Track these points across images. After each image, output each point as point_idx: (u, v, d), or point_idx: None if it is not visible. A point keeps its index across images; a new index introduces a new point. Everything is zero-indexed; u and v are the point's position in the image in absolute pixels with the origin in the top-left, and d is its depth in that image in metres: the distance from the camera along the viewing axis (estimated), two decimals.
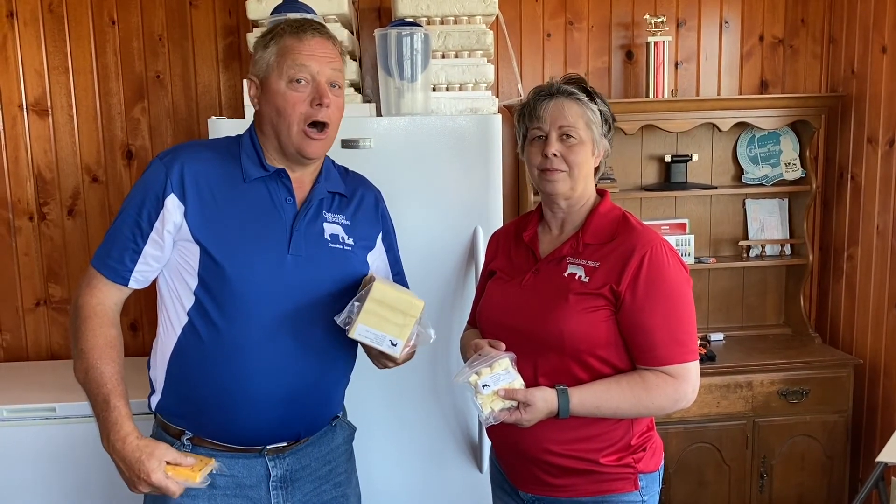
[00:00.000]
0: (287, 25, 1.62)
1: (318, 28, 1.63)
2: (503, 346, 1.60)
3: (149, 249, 1.59)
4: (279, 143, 1.62)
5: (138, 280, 1.62)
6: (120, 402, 1.51)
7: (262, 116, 1.64)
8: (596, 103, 1.67)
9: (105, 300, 1.60)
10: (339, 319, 1.53)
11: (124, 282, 1.60)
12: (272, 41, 1.61)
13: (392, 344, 1.53)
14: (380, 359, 1.62)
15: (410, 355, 1.64)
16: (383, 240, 1.80)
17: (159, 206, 1.57)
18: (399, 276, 1.85)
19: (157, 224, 1.57)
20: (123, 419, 1.50)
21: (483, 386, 1.52)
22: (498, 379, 1.53)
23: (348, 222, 1.70)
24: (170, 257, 1.61)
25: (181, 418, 1.64)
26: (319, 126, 1.59)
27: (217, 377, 1.57)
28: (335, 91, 1.61)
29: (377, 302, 1.51)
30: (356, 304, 1.52)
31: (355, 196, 1.75)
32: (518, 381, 1.56)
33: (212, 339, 1.57)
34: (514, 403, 1.54)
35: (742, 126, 3.24)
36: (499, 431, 1.68)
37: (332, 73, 1.60)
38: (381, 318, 1.51)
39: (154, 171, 1.60)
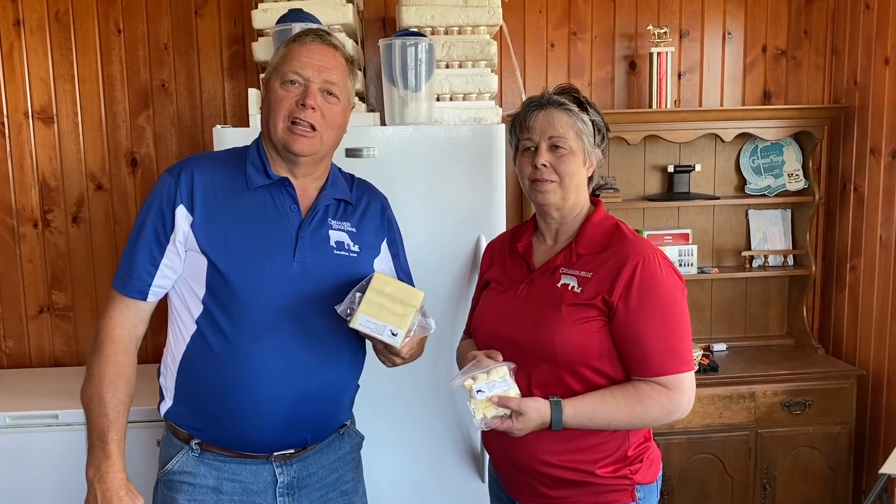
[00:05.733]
0: (297, 33, 1.68)
1: (321, 35, 1.66)
2: (500, 356, 1.60)
3: (164, 261, 1.61)
4: (272, 141, 1.64)
5: (157, 293, 1.63)
6: (116, 436, 1.54)
7: (262, 117, 1.68)
8: (588, 113, 1.67)
9: (124, 322, 1.62)
10: (340, 309, 1.54)
11: (143, 296, 1.62)
12: (282, 47, 1.66)
13: (392, 334, 1.53)
14: (386, 354, 1.62)
15: (418, 351, 1.66)
16: (389, 247, 1.81)
17: (171, 217, 1.59)
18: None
19: (170, 235, 1.59)
20: (117, 454, 1.53)
21: (477, 391, 1.53)
22: (493, 385, 1.54)
23: (354, 229, 1.71)
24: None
25: (191, 425, 1.65)
26: (303, 124, 1.61)
27: (225, 383, 1.59)
28: (328, 98, 1.63)
29: (378, 292, 1.52)
30: (357, 294, 1.53)
31: (361, 203, 1.77)
32: (514, 391, 1.55)
33: (220, 346, 1.59)
34: (508, 411, 1.54)
35: (745, 137, 3.25)
36: (496, 442, 1.68)
37: (326, 82, 1.62)
38: (381, 308, 1.52)
39: (163, 184, 1.63)
